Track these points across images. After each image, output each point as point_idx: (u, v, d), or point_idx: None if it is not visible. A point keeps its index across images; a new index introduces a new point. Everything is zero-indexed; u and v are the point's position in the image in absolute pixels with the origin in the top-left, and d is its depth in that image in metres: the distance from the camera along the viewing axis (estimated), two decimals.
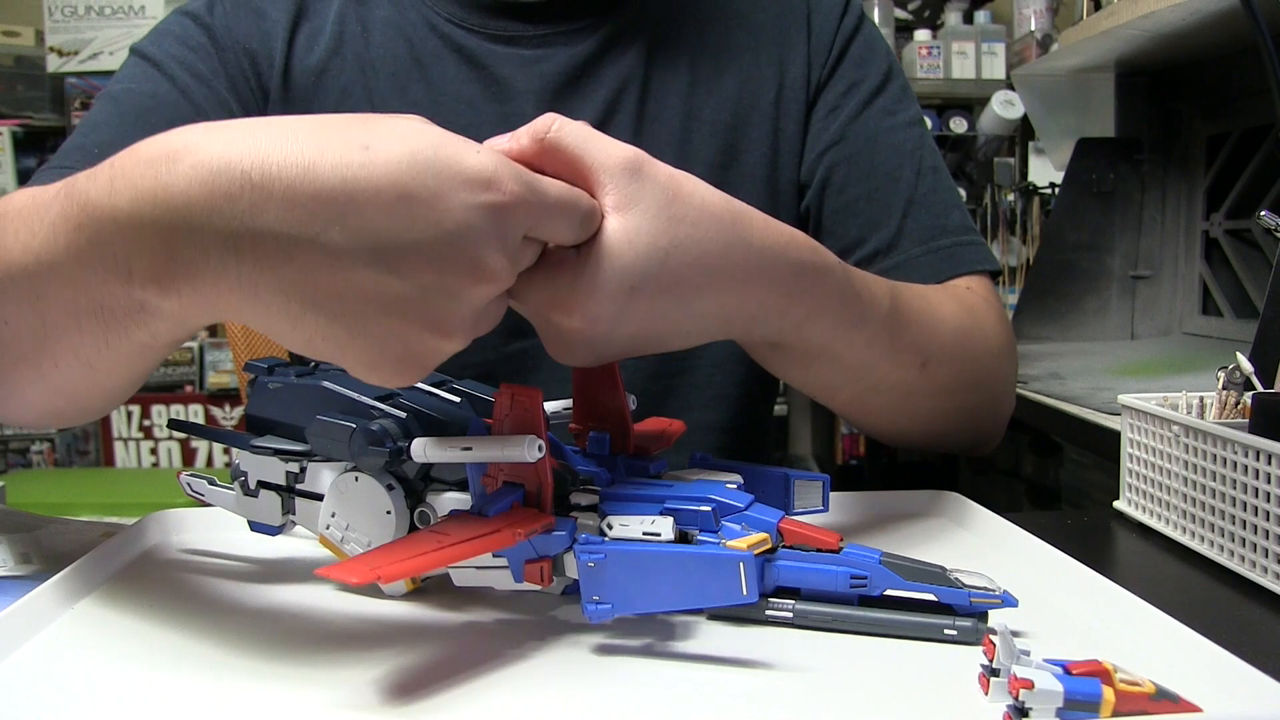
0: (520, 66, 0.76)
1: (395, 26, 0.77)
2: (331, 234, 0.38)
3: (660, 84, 0.77)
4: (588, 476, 0.50)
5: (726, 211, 0.49)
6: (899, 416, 0.67)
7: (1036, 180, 2.07)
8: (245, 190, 0.38)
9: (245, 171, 0.38)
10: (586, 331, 0.48)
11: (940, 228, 0.77)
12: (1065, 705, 0.36)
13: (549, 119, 0.46)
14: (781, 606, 0.47)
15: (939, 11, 2.54)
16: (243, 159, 0.39)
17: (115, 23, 2.42)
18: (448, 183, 0.39)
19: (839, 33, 0.80)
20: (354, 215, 0.38)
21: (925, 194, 0.77)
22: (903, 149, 0.78)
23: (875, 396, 0.64)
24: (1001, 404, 0.74)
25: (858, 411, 0.67)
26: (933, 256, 0.75)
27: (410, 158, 0.39)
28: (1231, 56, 1.35)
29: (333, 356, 0.42)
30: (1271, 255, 1.03)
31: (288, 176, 0.38)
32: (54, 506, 0.71)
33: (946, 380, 0.66)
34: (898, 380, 0.63)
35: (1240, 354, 0.63)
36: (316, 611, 0.50)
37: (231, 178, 0.38)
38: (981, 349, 0.69)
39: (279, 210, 0.38)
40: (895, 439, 0.71)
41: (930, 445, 0.72)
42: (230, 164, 0.38)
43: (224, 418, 2.56)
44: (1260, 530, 0.53)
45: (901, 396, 0.65)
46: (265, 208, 0.38)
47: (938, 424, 0.69)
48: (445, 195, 0.39)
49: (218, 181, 0.38)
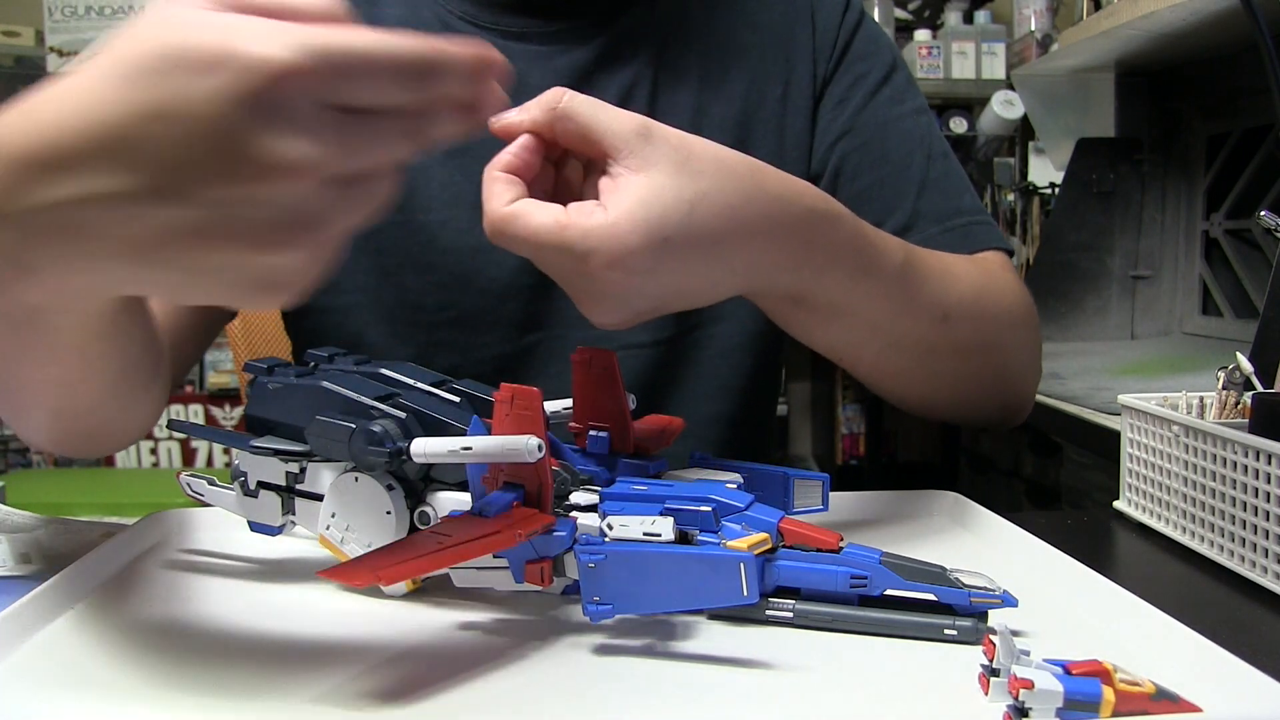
0: (533, 63, 0.76)
1: (407, 26, 0.77)
2: (96, 184, 0.34)
3: (670, 81, 0.78)
4: (588, 476, 0.50)
5: (741, 163, 0.51)
6: (923, 380, 0.68)
7: (1036, 180, 2.07)
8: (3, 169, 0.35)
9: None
10: (623, 284, 0.49)
11: (954, 209, 0.77)
12: (1065, 705, 0.36)
13: (558, 92, 0.48)
14: (781, 606, 0.47)
15: (939, 11, 2.54)
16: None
17: (115, 23, 2.42)
18: (178, 80, 0.33)
19: (842, 28, 0.81)
20: (104, 157, 0.34)
21: (937, 178, 0.78)
22: (911, 136, 0.79)
23: (897, 356, 0.65)
24: (1026, 371, 0.75)
25: (882, 375, 0.68)
26: (949, 235, 0.76)
27: (134, 78, 0.33)
28: (1231, 56, 1.35)
29: (197, 299, 0.38)
30: (1271, 255, 1.03)
31: (19, 141, 0.35)
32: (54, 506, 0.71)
33: (966, 337, 0.67)
34: (919, 337, 0.64)
35: (1240, 354, 0.63)
36: (316, 611, 0.50)
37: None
38: (1000, 307, 0.71)
39: (27, 180, 0.35)
40: (921, 406, 0.72)
41: (957, 414, 0.73)
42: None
43: (224, 418, 2.56)
44: (1260, 530, 0.53)
45: (923, 356, 0.66)
46: (16, 182, 0.35)
47: (962, 388, 0.70)
48: (181, 95, 0.33)
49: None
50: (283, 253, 0.36)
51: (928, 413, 0.73)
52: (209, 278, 0.36)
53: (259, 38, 0.33)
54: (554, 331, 0.76)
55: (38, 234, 0.36)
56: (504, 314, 0.75)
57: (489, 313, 0.75)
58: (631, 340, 0.76)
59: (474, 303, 0.75)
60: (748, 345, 0.78)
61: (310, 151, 0.34)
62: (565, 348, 0.69)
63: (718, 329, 0.78)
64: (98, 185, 0.34)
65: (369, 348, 0.72)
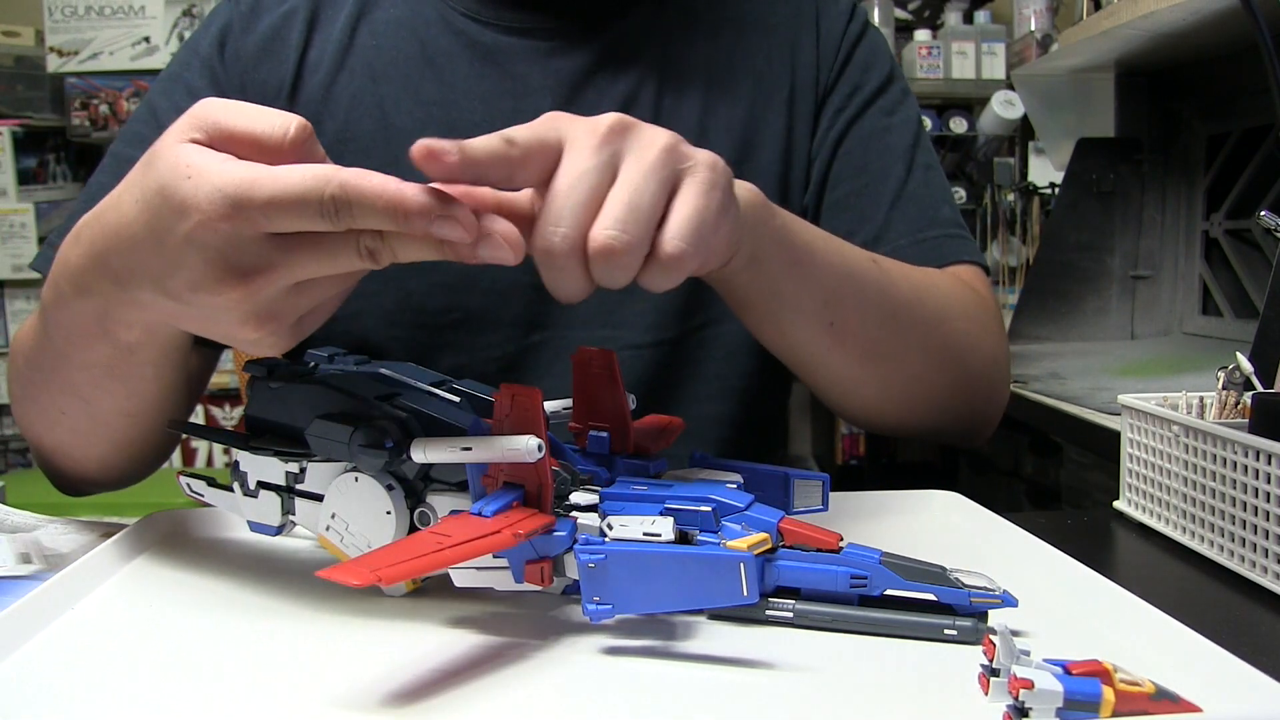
0: (536, 61, 0.76)
1: (408, 27, 0.77)
2: (122, 278, 0.49)
3: (677, 82, 0.78)
4: (588, 476, 0.50)
5: (671, 137, 0.50)
6: (877, 386, 0.69)
7: (1036, 180, 2.07)
8: (91, 258, 0.51)
9: (89, 240, 0.51)
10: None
11: (929, 220, 0.77)
12: (1065, 705, 0.36)
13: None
14: (781, 606, 0.47)
15: (939, 11, 2.54)
16: (87, 230, 0.51)
17: (115, 23, 2.42)
18: (165, 220, 0.45)
19: (845, 36, 0.81)
20: (124, 258, 0.48)
21: (915, 189, 0.78)
22: (895, 148, 0.79)
23: (845, 360, 0.66)
24: (993, 383, 0.75)
25: (842, 391, 0.69)
26: (919, 247, 0.76)
27: (144, 202, 0.46)
28: (1231, 56, 1.35)
29: (205, 332, 0.50)
30: (1271, 255, 1.03)
31: (96, 240, 0.50)
32: (54, 506, 0.71)
33: (918, 340, 0.68)
34: (865, 338, 0.65)
35: (1240, 354, 0.63)
36: (316, 611, 0.50)
37: (81, 247, 0.52)
38: (960, 316, 0.71)
39: (101, 267, 0.50)
40: (885, 420, 0.72)
41: (917, 423, 0.73)
42: (79, 235, 0.52)
43: (224, 418, 2.56)
44: (1260, 530, 0.53)
45: (879, 363, 0.67)
46: (94, 267, 0.51)
47: (919, 395, 0.70)
48: (167, 230, 0.45)
49: (83, 252, 0.52)
50: (264, 329, 0.47)
51: (893, 426, 0.74)
52: (218, 335, 0.49)
53: (214, 193, 0.43)
54: (557, 332, 0.76)
55: (108, 296, 0.51)
56: (507, 314, 0.75)
57: (492, 313, 0.75)
58: (632, 340, 0.76)
59: (477, 303, 0.75)
60: (751, 346, 0.77)
61: (261, 264, 0.45)
62: (569, 347, 0.69)
63: (721, 329, 0.78)
64: (122, 279, 0.50)
65: (372, 350, 0.72)
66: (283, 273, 0.45)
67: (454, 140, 0.43)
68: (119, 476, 0.70)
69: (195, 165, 0.44)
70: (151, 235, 0.46)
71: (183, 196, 0.44)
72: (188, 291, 0.46)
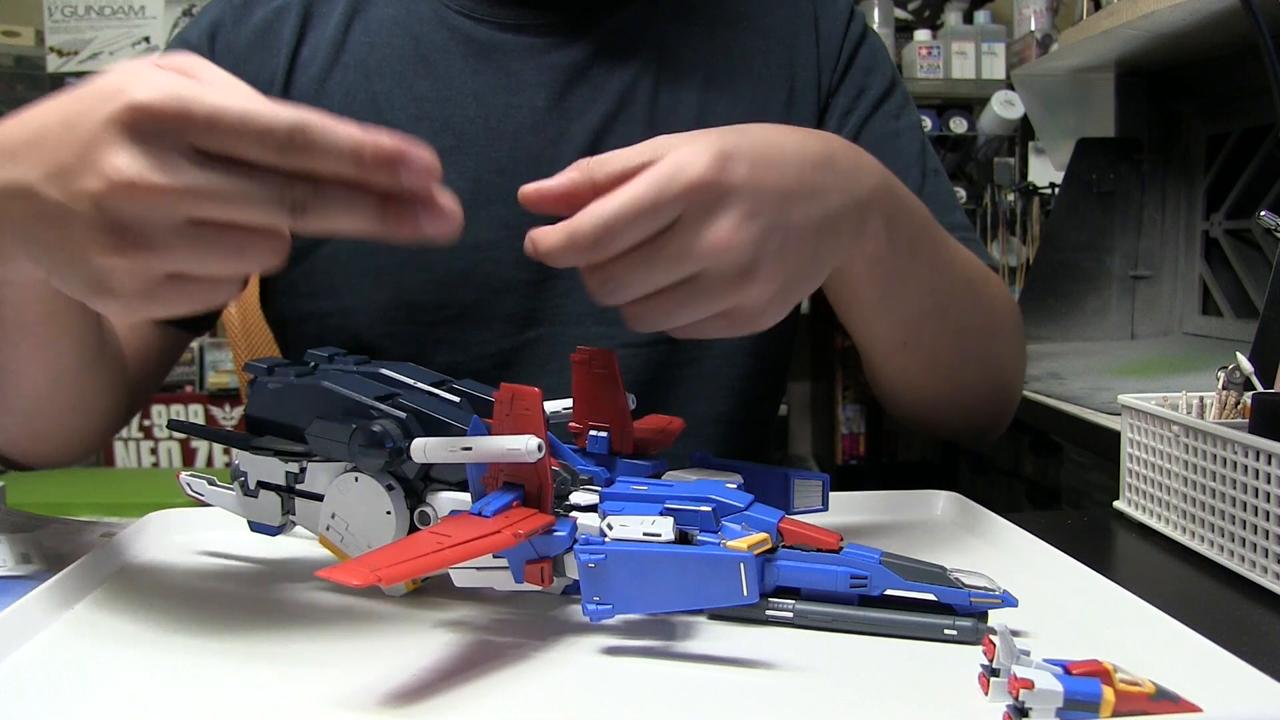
0: (529, 57, 0.76)
1: (402, 24, 0.77)
2: (14, 172, 0.43)
3: (674, 81, 0.78)
4: (588, 476, 0.50)
5: (735, 124, 0.52)
6: (931, 391, 0.71)
7: (1036, 180, 2.07)
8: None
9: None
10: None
11: (946, 224, 0.78)
12: (1065, 705, 0.36)
13: (582, 161, 0.48)
14: (782, 606, 0.47)
15: (939, 11, 2.54)
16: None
17: (115, 23, 2.42)
18: (88, 101, 0.41)
19: (846, 38, 0.81)
20: (14, 141, 0.43)
21: (930, 193, 0.78)
22: (908, 151, 0.80)
23: (911, 373, 0.68)
24: (1016, 376, 0.77)
25: (891, 385, 0.72)
26: None
27: (69, 96, 0.43)
28: (1231, 56, 1.35)
29: (62, 285, 0.44)
30: (1271, 255, 1.03)
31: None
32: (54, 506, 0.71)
33: (978, 353, 0.71)
34: (937, 355, 0.67)
35: (1240, 354, 0.63)
36: (316, 611, 0.50)
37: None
38: (1007, 323, 0.74)
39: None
40: (914, 411, 0.74)
41: (947, 425, 0.75)
42: None
43: (224, 418, 2.56)
44: (1260, 530, 0.53)
45: (936, 370, 0.69)
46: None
47: (961, 401, 0.72)
48: (87, 111, 0.41)
49: None
50: (108, 257, 0.41)
51: (913, 415, 0.75)
52: (64, 267, 0.43)
53: (148, 85, 0.40)
54: (553, 328, 0.76)
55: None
56: (502, 310, 0.75)
57: (487, 309, 0.75)
58: (632, 340, 0.76)
59: (472, 299, 0.75)
60: (750, 346, 0.77)
61: (149, 173, 0.40)
62: (564, 343, 0.69)
63: None
64: (15, 173, 0.43)
65: (367, 346, 0.72)
66: (212, 201, 0.40)
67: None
68: (23, 451, 0.68)
69: (147, 68, 0.41)
70: (63, 120, 0.42)
71: (121, 80, 0.40)
72: (68, 180, 0.41)
